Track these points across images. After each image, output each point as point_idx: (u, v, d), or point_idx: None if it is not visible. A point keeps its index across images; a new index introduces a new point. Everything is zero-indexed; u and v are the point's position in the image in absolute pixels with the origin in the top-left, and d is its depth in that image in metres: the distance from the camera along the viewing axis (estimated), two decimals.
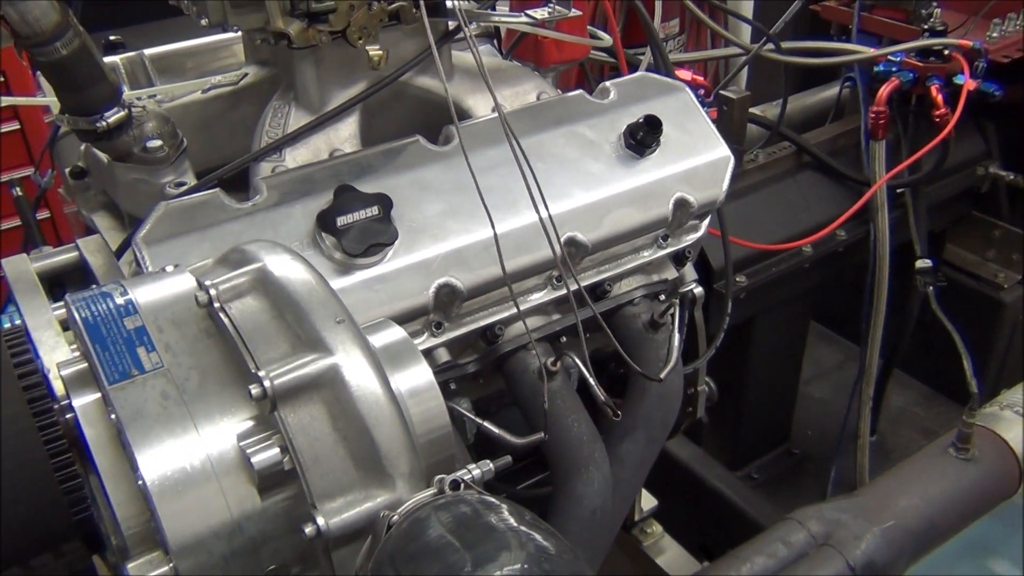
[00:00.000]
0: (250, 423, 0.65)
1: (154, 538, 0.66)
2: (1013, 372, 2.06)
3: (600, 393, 1.06)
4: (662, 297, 1.24)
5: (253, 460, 0.61)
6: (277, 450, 0.62)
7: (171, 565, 0.61)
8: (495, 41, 1.48)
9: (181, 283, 0.71)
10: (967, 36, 1.82)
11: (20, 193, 1.14)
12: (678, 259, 1.27)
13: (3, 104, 1.38)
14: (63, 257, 0.98)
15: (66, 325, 0.85)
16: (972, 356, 2.02)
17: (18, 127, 2.57)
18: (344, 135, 1.15)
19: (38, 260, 0.96)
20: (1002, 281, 2.14)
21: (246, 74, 1.24)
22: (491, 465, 0.66)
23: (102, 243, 0.97)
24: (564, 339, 1.17)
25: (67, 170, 1.23)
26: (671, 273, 1.26)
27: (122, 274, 0.93)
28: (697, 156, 1.18)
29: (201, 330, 0.68)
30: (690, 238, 1.23)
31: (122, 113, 1.04)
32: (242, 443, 0.63)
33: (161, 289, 0.70)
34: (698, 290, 1.32)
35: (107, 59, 1.42)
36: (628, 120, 1.16)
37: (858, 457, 2.00)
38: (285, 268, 0.69)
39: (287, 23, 1.07)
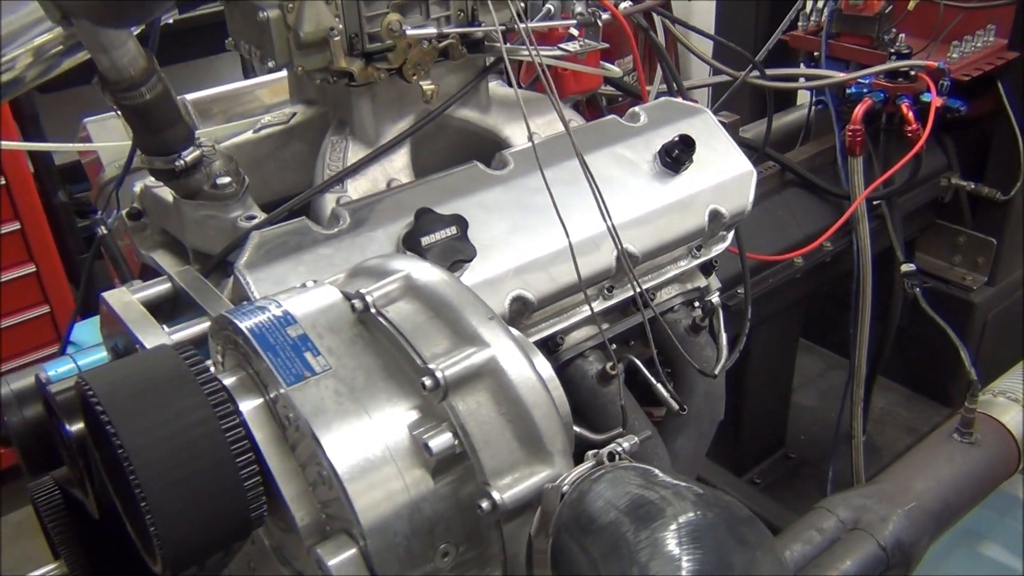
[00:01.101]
0: (415, 414, 0.71)
1: (323, 530, 0.72)
2: (986, 366, 2.19)
3: (664, 389, 1.14)
4: (696, 304, 1.33)
5: (431, 444, 0.68)
6: (450, 435, 0.69)
7: (363, 544, 0.66)
8: (505, 76, 1.57)
9: (327, 295, 0.77)
10: (930, 58, 1.97)
11: (105, 231, 1.18)
12: (705, 269, 1.36)
13: (53, 150, 1.41)
14: (157, 289, 1.02)
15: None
16: (950, 354, 2.17)
17: (3, 182, 2.57)
18: (398, 166, 1.23)
19: (135, 292, 1.00)
20: (970, 283, 2.29)
21: (294, 113, 1.31)
22: (637, 438, 0.73)
23: (196, 273, 1.02)
24: (614, 346, 1.25)
25: (124, 212, 1.28)
26: (701, 282, 1.35)
27: (224, 301, 0.98)
28: (725, 171, 1.28)
29: (354, 335, 0.75)
30: (718, 248, 1.33)
31: (197, 152, 1.10)
32: (415, 432, 0.69)
33: (310, 301, 0.76)
34: (716, 299, 1.41)
35: None
36: (660, 140, 1.26)
37: (854, 456, 2.11)
38: (429, 274, 0.76)
39: (350, 62, 1.14)
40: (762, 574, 0.59)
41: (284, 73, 1.67)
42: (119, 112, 1.05)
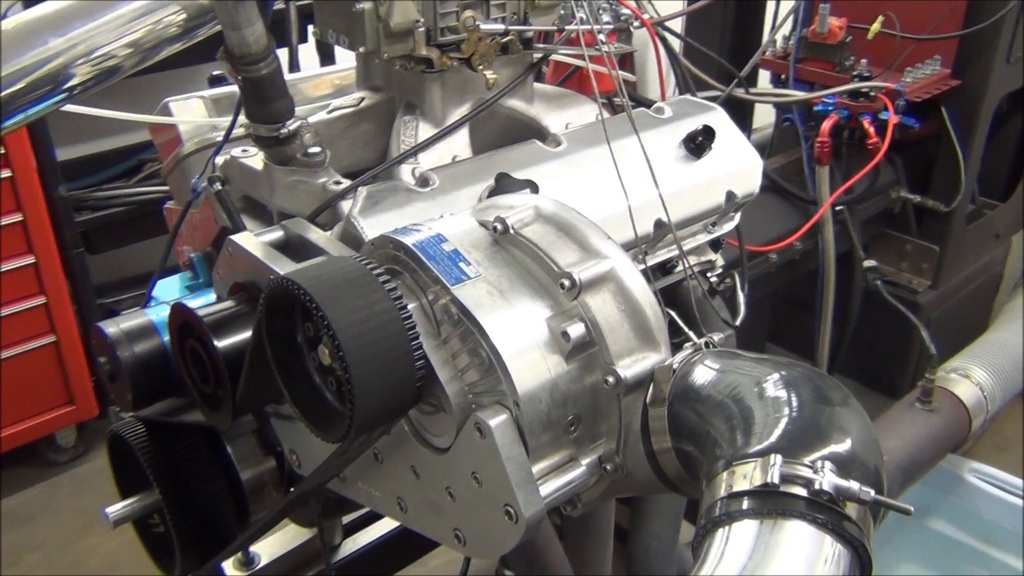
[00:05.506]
0: (549, 311, 0.88)
1: (469, 408, 0.88)
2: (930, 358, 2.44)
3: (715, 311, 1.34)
4: (708, 274, 1.53)
5: (569, 331, 0.85)
6: (583, 325, 0.86)
7: (516, 411, 0.83)
8: None
9: (465, 221, 0.95)
10: (887, 82, 2.24)
11: (220, 187, 1.32)
12: (714, 246, 1.57)
13: (133, 120, 1.55)
14: (271, 236, 1.17)
15: None
16: (897, 351, 2.42)
17: (9, 174, 2.65)
18: (460, 144, 1.40)
19: (257, 237, 1.15)
20: (916, 286, 2.56)
21: (362, 98, 1.47)
22: (730, 331, 0.92)
23: (305, 223, 1.18)
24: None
25: (207, 179, 1.42)
26: (711, 256, 1.56)
27: (336, 243, 1.14)
28: (737, 159, 1.49)
29: (493, 252, 0.92)
30: (728, 226, 1.53)
31: (298, 123, 1.26)
32: (552, 324, 0.87)
33: (454, 225, 0.93)
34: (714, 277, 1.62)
35: (212, 92, 1.63)
36: (683, 130, 1.46)
37: None
38: (552, 205, 0.94)
39: (429, 51, 1.32)
40: (853, 403, 0.78)
41: (325, 70, 1.84)
42: (239, 83, 1.21)
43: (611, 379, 0.86)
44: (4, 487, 2.95)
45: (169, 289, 1.47)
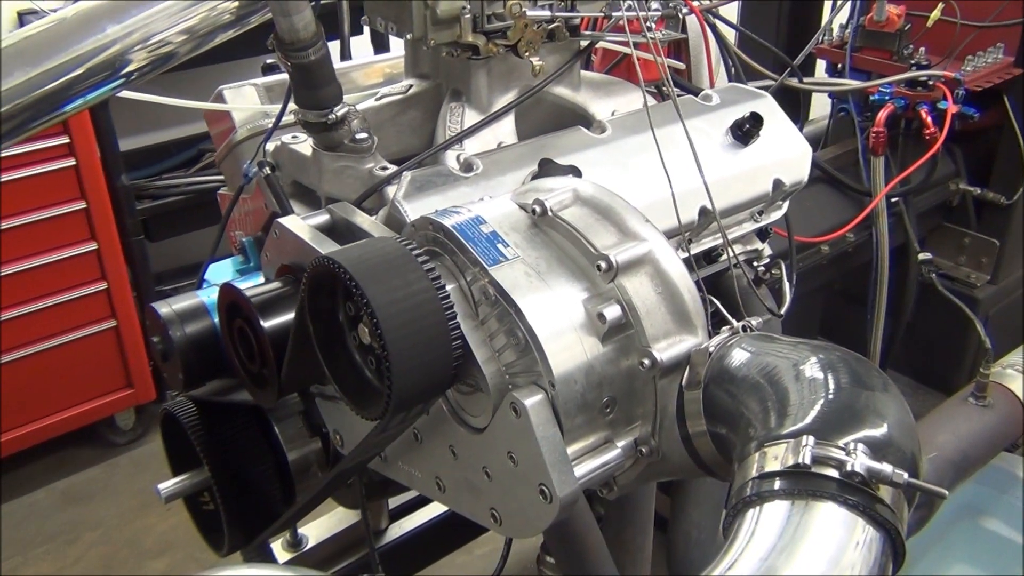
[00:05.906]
0: (586, 294, 0.89)
1: (505, 388, 0.89)
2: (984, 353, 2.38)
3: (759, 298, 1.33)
4: (754, 263, 1.51)
5: (606, 314, 0.85)
6: (619, 307, 0.87)
7: (551, 391, 0.84)
8: None
9: (505, 204, 0.95)
10: (945, 71, 2.19)
11: (270, 172, 1.35)
12: (761, 235, 1.55)
13: (188, 107, 1.59)
14: (317, 219, 1.19)
15: None
16: (953, 347, 2.36)
17: (74, 163, 2.73)
18: (506, 131, 1.41)
19: (303, 220, 1.17)
20: (975, 281, 2.50)
21: (410, 86, 1.49)
22: (766, 315, 0.91)
23: (351, 207, 1.20)
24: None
25: (257, 164, 1.45)
26: (758, 245, 1.54)
27: (380, 226, 1.15)
28: (785, 147, 1.47)
29: (532, 234, 0.93)
30: (775, 215, 1.52)
31: (345, 109, 1.28)
32: (588, 306, 0.87)
33: (493, 208, 0.94)
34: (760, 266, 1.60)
35: (264, 79, 1.66)
36: (730, 118, 1.45)
37: None
38: (591, 188, 0.95)
39: (475, 38, 1.32)
40: (893, 389, 0.77)
41: (377, 58, 1.86)
42: (288, 69, 1.23)
43: (647, 361, 0.86)
44: (65, 467, 3.05)
45: (221, 272, 1.50)
